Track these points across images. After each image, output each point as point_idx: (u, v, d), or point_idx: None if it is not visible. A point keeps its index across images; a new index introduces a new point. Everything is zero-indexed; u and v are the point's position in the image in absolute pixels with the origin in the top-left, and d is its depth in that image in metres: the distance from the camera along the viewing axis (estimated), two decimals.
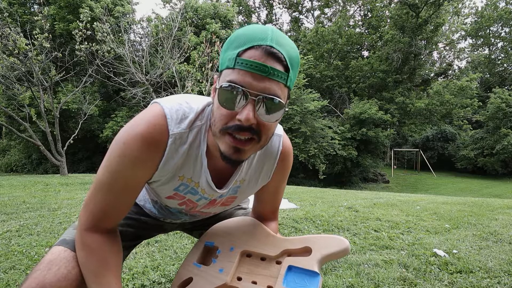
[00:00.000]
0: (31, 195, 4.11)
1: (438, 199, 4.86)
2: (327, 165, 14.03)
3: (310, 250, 0.76)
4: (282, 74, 0.57)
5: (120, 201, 0.69)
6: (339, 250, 0.73)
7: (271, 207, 0.93)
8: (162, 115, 0.65)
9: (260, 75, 0.56)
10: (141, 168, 0.66)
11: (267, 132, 0.62)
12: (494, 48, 27.57)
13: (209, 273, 0.82)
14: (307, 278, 0.72)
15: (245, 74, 0.56)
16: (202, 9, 14.06)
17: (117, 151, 0.64)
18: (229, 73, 0.57)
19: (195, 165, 0.71)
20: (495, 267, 1.80)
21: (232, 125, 0.59)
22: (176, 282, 0.85)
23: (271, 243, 0.82)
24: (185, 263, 0.89)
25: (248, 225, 0.91)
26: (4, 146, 18.88)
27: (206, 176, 0.73)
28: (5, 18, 7.05)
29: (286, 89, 0.60)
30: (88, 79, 8.82)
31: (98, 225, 0.69)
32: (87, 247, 0.68)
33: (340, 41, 20.69)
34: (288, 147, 0.81)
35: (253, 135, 0.60)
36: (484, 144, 18.62)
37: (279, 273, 0.74)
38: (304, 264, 0.74)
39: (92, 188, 0.69)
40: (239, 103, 0.57)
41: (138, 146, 0.63)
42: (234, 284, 0.77)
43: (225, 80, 0.58)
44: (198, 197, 0.78)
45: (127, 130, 0.65)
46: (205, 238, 0.94)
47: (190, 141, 0.68)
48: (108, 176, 0.66)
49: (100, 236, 0.69)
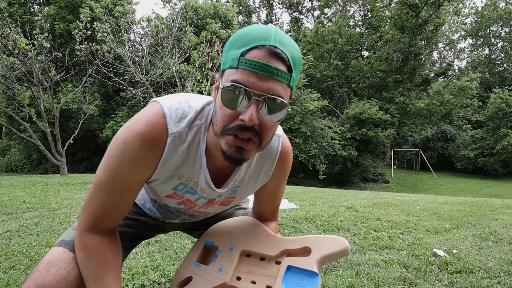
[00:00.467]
0: (31, 195, 4.11)
1: (438, 199, 4.86)
2: (327, 165, 14.03)
3: (310, 250, 0.76)
4: (285, 74, 0.57)
5: (120, 201, 0.69)
6: (339, 251, 0.73)
7: (271, 207, 0.93)
8: (161, 114, 0.65)
9: (264, 75, 0.55)
10: (141, 167, 0.66)
11: (268, 133, 0.62)
12: (494, 48, 27.59)
13: (209, 273, 0.82)
14: (306, 278, 0.72)
15: (248, 74, 0.55)
16: (202, 9, 14.06)
17: (116, 150, 0.64)
18: (232, 73, 0.57)
19: (194, 165, 0.71)
20: (495, 267, 1.80)
21: (234, 125, 0.58)
22: (176, 281, 0.85)
23: (270, 243, 0.82)
24: (185, 262, 0.89)
25: (248, 225, 0.91)
26: (4, 146, 18.87)
27: (205, 175, 0.72)
28: (5, 18, 7.05)
29: (289, 89, 0.60)
30: (88, 79, 8.82)
31: (97, 225, 0.69)
32: (87, 248, 0.68)
33: (340, 41, 20.68)
34: (287, 147, 0.81)
35: (254, 136, 0.59)
36: (484, 144, 18.62)
37: (278, 273, 0.74)
38: (304, 265, 0.73)
39: (92, 188, 0.69)
40: (242, 103, 0.56)
41: (138, 145, 0.63)
42: (233, 284, 0.77)
43: (228, 80, 0.57)
44: (197, 196, 0.78)
45: (126, 129, 0.64)
46: (205, 237, 0.93)
47: (189, 140, 0.68)
48: (108, 175, 0.66)
49: (100, 237, 0.69)
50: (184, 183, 0.74)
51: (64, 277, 0.65)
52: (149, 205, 0.92)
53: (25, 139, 8.32)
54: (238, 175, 0.77)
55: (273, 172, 0.81)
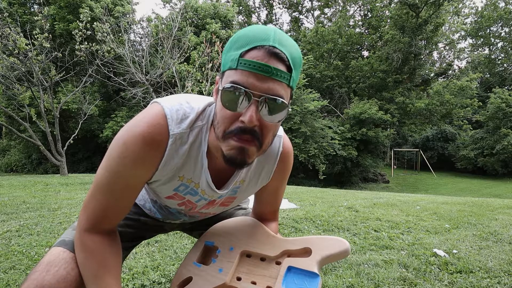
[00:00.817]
0: (31, 195, 4.11)
1: (438, 199, 4.86)
2: (327, 165, 14.02)
3: (310, 251, 0.75)
4: (285, 74, 0.57)
5: (120, 201, 0.69)
6: (339, 252, 0.73)
7: (271, 207, 0.93)
8: (162, 115, 0.64)
9: (263, 75, 0.55)
10: (142, 168, 0.66)
11: (269, 134, 0.61)
12: (494, 48, 27.60)
13: (209, 273, 0.82)
14: (307, 279, 0.71)
15: (248, 75, 0.55)
16: (202, 9, 14.06)
17: (117, 151, 0.64)
18: (232, 74, 0.57)
19: (195, 166, 0.71)
20: (495, 267, 1.80)
21: (235, 128, 0.58)
22: (176, 281, 0.85)
23: (271, 244, 0.82)
24: (185, 263, 0.89)
25: (248, 225, 0.90)
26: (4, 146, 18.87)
27: (206, 176, 0.72)
28: (5, 18, 7.05)
29: (289, 89, 0.60)
30: (88, 79, 8.82)
31: (97, 226, 0.69)
32: (87, 248, 0.68)
33: (340, 41, 20.68)
34: (288, 148, 0.81)
35: (254, 138, 0.59)
36: (484, 144, 18.61)
37: (279, 273, 0.74)
38: (304, 265, 0.73)
39: (92, 188, 0.69)
40: (242, 104, 0.56)
41: (139, 146, 0.63)
42: (233, 284, 0.76)
43: (228, 81, 0.57)
44: (198, 198, 0.78)
45: (127, 130, 0.64)
46: (205, 237, 0.93)
47: (190, 142, 0.68)
48: (108, 176, 0.66)
49: (100, 237, 0.69)
50: (185, 184, 0.73)
51: (64, 278, 0.65)
52: (149, 206, 0.92)
53: (25, 139, 8.32)
54: (239, 177, 0.77)
55: (274, 172, 0.81)
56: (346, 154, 14.55)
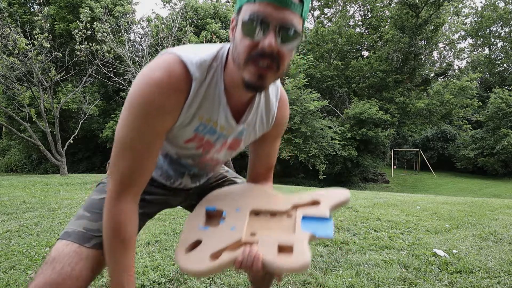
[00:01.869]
0: (31, 195, 4.11)
1: (438, 199, 4.86)
2: (327, 165, 14.01)
3: (318, 202, 0.82)
4: (298, 5, 0.62)
5: (150, 153, 0.71)
6: (344, 200, 0.82)
7: (267, 163, 0.97)
8: (179, 61, 0.68)
9: (279, 6, 0.60)
10: (168, 114, 0.69)
11: (285, 60, 0.66)
12: (494, 48, 27.58)
13: (220, 233, 0.79)
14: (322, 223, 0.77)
15: (265, 5, 0.60)
16: (202, 9, 14.07)
17: (141, 103, 0.66)
18: (250, 6, 0.61)
19: (213, 104, 0.74)
20: (495, 267, 1.80)
21: (255, 52, 0.62)
22: (182, 247, 0.79)
23: (279, 200, 0.85)
24: (187, 229, 0.85)
25: (250, 188, 0.93)
26: (4, 146, 18.89)
27: (225, 112, 0.76)
28: (5, 18, 7.05)
29: (301, 20, 0.65)
30: (88, 79, 8.82)
31: (127, 189, 0.71)
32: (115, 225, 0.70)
33: (340, 41, 20.66)
34: (285, 95, 0.89)
35: (272, 62, 0.63)
36: (484, 144, 18.61)
37: (295, 222, 0.77)
38: (316, 213, 0.79)
39: (117, 150, 0.70)
40: (261, 32, 0.61)
41: (162, 93, 0.66)
42: (249, 239, 0.75)
43: (246, 13, 0.62)
44: (217, 136, 0.81)
45: (146, 81, 0.66)
46: (205, 203, 0.91)
47: (208, 82, 0.72)
48: (134, 128, 0.68)
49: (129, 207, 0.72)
50: (204, 123, 0.77)
51: (69, 274, 0.66)
52: (160, 164, 0.91)
53: (25, 139, 8.32)
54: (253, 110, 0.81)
55: (275, 119, 0.87)
56: (346, 154, 14.54)
